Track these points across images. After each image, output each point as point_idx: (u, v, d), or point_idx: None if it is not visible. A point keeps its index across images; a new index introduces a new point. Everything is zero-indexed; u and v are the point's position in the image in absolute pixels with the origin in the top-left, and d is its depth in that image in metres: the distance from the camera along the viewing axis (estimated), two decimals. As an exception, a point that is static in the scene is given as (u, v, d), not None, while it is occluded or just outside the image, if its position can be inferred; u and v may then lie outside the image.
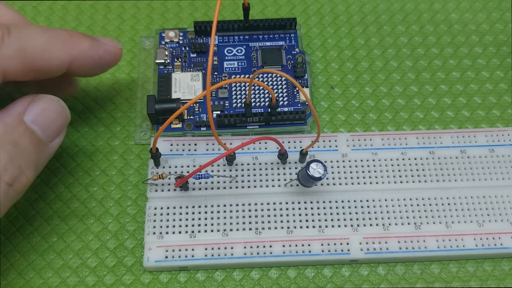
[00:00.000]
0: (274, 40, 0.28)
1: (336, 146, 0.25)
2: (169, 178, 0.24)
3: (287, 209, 0.24)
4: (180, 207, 0.24)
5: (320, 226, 0.23)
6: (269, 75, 0.28)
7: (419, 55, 0.29)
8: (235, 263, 0.23)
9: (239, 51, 0.28)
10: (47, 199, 0.25)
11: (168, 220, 0.23)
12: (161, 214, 0.24)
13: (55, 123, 0.22)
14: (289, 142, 0.25)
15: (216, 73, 0.28)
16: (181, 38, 0.28)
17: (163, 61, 0.27)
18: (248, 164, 0.25)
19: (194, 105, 0.27)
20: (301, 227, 0.23)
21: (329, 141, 0.26)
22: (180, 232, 0.23)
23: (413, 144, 0.26)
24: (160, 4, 0.31)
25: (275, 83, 0.27)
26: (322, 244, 0.23)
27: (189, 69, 0.27)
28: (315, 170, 0.21)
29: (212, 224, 0.23)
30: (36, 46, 0.21)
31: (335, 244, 0.23)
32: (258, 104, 0.27)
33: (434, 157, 0.25)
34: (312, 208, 0.24)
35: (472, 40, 0.30)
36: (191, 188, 0.24)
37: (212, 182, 0.24)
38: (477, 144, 0.26)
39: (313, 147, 0.25)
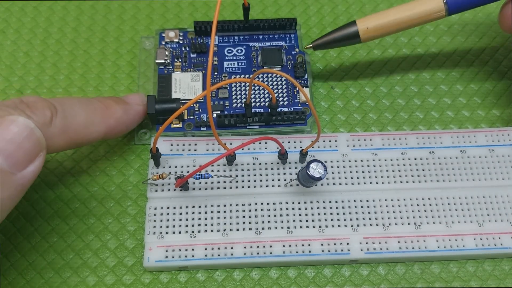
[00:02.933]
0: (274, 40, 0.28)
1: (336, 146, 0.25)
2: (169, 178, 0.24)
3: (287, 209, 0.24)
4: (180, 207, 0.24)
5: (320, 226, 0.23)
6: (269, 75, 0.28)
7: (419, 55, 0.29)
8: (235, 263, 0.23)
9: (239, 51, 0.28)
10: (47, 199, 0.25)
11: (168, 220, 0.23)
12: (161, 214, 0.24)
13: (22, 148, 0.18)
14: (289, 142, 0.25)
15: (216, 73, 0.28)
16: (181, 38, 0.28)
17: (163, 61, 0.27)
18: (248, 164, 0.25)
19: (194, 105, 0.27)
20: (301, 227, 0.23)
21: (329, 141, 0.26)
22: (180, 232, 0.23)
23: (413, 144, 0.26)
24: (160, 4, 0.31)
25: (275, 83, 0.27)
26: (322, 244, 0.23)
27: (189, 69, 0.28)
28: (315, 170, 0.21)
29: (212, 224, 0.23)
30: (78, 123, 0.21)
31: (335, 244, 0.23)
32: (258, 104, 0.27)
33: (434, 157, 0.25)
34: (312, 208, 0.24)
35: (472, 40, 0.30)
36: (191, 188, 0.24)
37: (212, 182, 0.24)
38: (477, 144, 0.26)
39: (313, 147, 0.25)
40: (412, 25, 0.25)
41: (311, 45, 0.26)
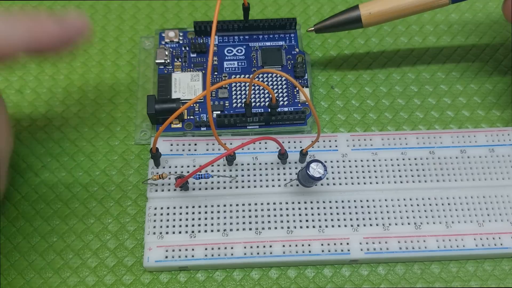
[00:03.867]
0: (274, 40, 0.28)
1: (336, 146, 0.25)
2: (169, 178, 0.24)
3: (287, 209, 0.24)
4: (180, 207, 0.24)
5: (320, 226, 0.23)
6: (269, 75, 0.28)
7: (419, 55, 0.29)
8: (235, 263, 0.23)
9: (239, 51, 0.28)
10: (47, 199, 0.25)
11: (168, 220, 0.23)
12: (161, 214, 0.24)
13: None
14: (289, 142, 0.25)
15: (216, 73, 0.28)
16: (181, 38, 0.28)
17: (163, 61, 0.27)
18: (248, 164, 0.25)
19: (194, 105, 0.27)
20: (301, 227, 0.23)
21: (329, 141, 0.26)
22: (180, 232, 0.23)
23: (413, 144, 0.26)
24: (160, 4, 0.31)
25: (275, 83, 0.27)
26: (322, 244, 0.23)
27: (189, 69, 0.27)
28: (315, 170, 0.21)
29: (212, 224, 0.23)
30: None
31: (335, 244, 0.23)
32: (258, 104, 0.27)
33: (434, 157, 0.25)
34: (312, 208, 0.24)
35: (472, 40, 0.30)
36: (191, 188, 0.24)
37: (212, 182, 0.24)
38: (477, 144, 0.26)
39: (313, 147, 0.25)
40: (416, 12, 0.25)
41: (313, 28, 0.26)
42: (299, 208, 0.24)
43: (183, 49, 0.28)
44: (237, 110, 0.26)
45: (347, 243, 0.23)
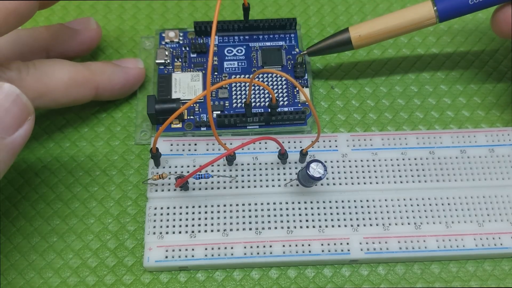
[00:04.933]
0: (274, 40, 0.28)
1: (336, 146, 0.25)
2: (169, 178, 0.24)
3: (287, 209, 0.24)
4: (180, 207, 0.24)
5: (320, 226, 0.23)
6: (269, 75, 0.28)
7: (419, 55, 0.29)
8: (235, 263, 0.23)
9: (239, 51, 0.28)
10: (47, 199, 0.25)
11: (168, 220, 0.23)
12: (161, 214, 0.24)
13: (10, 113, 0.19)
14: (289, 142, 0.25)
15: (216, 73, 0.28)
16: (181, 38, 0.28)
17: (163, 61, 0.27)
18: (248, 164, 0.25)
19: (194, 105, 0.27)
20: (301, 227, 0.23)
21: (329, 141, 0.26)
22: (180, 232, 0.23)
23: (413, 144, 0.26)
24: (160, 4, 0.31)
25: (275, 83, 0.27)
26: (322, 244, 0.23)
27: (189, 69, 0.27)
28: (315, 170, 0.21)
29: (212, 224, 0.23)
30: (57, 82, 0.23)
31: (335, 244, 0.23)
32: (258, 104, 0.27)
33: (434, 157, 0.25)
34: (312, 208, 0.24)
35: (472, 40, 0.30)
36: (191, 188, 0.24)
37: (212, 182, 0.24)
38: (477, 144, 0.26)
39: (313, 147, 0.25)
40: (404, 32, 0.25)
41: (305, 52, 0.27)
42: (299, 208, 0.24)
43: (183, 49, 0.28)
44: (237, 110, 0.26)
45: (347, 243, 0.23)
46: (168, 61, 0.28)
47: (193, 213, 0.24)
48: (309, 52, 0.26)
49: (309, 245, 0.23)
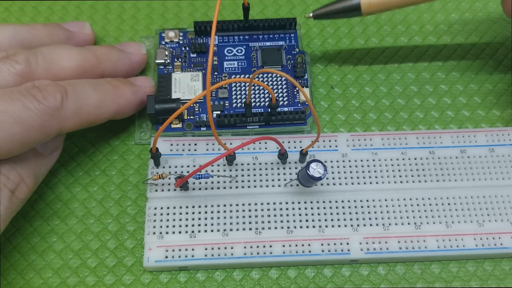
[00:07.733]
0: (274, 40, 0.28)
1: (336, 146, 0.25)
2: (169, 178, 0.24)
3: (287, 209, 0.24)
4: (180, 207, 0.24)
5: (320, 226, 0.23)
6: (269, 75, 0.28)
7: (419, 55, 0.29)
8: (235, 263, 0.23)
9: (239, 51, 0.28)
10: (47, 199, 0.25)
11: (168, 220, 0.23)
12: (161, 214, 0.24)
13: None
14: (289, 142, 0.25)
15: (216, 73, 0.28)
16: (181, 38, 0.28)
17: (163, 61, 0.27)
18: (248, 164, 0.25)
19: (194, 105, 0.27)
20: (301, 227, 0.23)
21: (329, 141, 0.26)
22: (180, 232, 0.23)
23: (413, 144, 0.26)
24: (160, 4, 0.31)
25: (275, 83, 0.27)
26: (322, 244, 0.23)
27: (189, 69, 0.27)
28: (315, 170, 0.21)
29: (212, 224, 0.23)
30: (90, 105, 0.23)
31: (335, 244, 0.23)
32: (258, 104, 0.27)
33: (434, 157, 0.25)
34: (312, 208, 0.24)
35: (472, 40, 0.30)
36: (191, 188, 0.24)
37: (212, 182, 0.24)
38: (477, 144, 0.26)
39: (313, 147, 0.25)
40: (416, 2, 0.25)
41: (311, 14, 0.26)
42: (299, 208, 0.24)
43: (183, 49, 0.28)
44: (237, 110, 0.26)
45: (347, 243, 0.23)
46: (168, 61, 0.28)
47: (193, 213, 0.24)
48: (315, 15, 0.26)
49: (309, 245, 0.23)
